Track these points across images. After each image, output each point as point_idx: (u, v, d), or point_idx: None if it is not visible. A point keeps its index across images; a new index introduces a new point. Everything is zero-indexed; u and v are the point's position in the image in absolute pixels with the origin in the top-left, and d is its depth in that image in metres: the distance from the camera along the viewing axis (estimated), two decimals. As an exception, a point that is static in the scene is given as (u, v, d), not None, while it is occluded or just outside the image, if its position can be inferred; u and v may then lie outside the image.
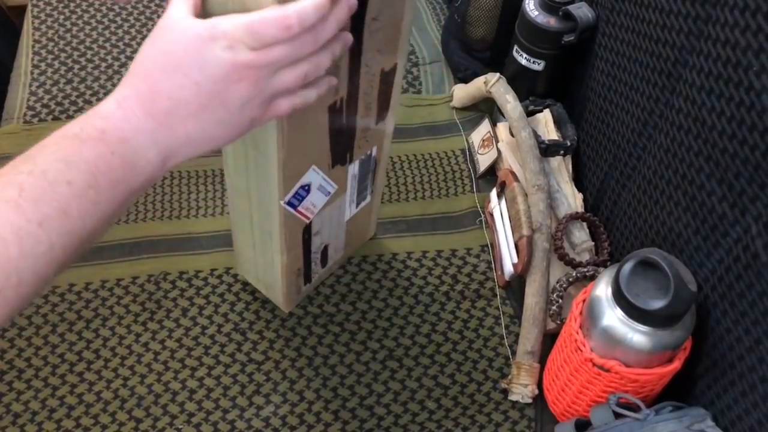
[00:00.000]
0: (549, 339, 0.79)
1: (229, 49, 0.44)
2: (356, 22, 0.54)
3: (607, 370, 0.64)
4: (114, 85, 0.87)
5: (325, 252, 0.80)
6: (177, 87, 0.44)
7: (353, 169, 0.72)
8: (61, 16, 1.12)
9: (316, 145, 0.63)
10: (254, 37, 0.44)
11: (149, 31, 0.54)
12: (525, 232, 0.80)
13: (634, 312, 0.61)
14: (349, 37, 0.51)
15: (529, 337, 0.78)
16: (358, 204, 0.79)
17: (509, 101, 0.89)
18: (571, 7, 0.84)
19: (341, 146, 0.66)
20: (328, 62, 0.49)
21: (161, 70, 0.44)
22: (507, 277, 0.84)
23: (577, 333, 0.67)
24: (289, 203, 0.66)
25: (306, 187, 0.66)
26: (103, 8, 1.13)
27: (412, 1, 0.60)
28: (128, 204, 0.47)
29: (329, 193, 0.71)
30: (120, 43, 1.08)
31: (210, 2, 0.49)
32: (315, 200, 0.69)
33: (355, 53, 0.57)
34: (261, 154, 0.60)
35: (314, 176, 0.66)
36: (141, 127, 0.44)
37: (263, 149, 0.59)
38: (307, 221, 0.71)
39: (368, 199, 0.80)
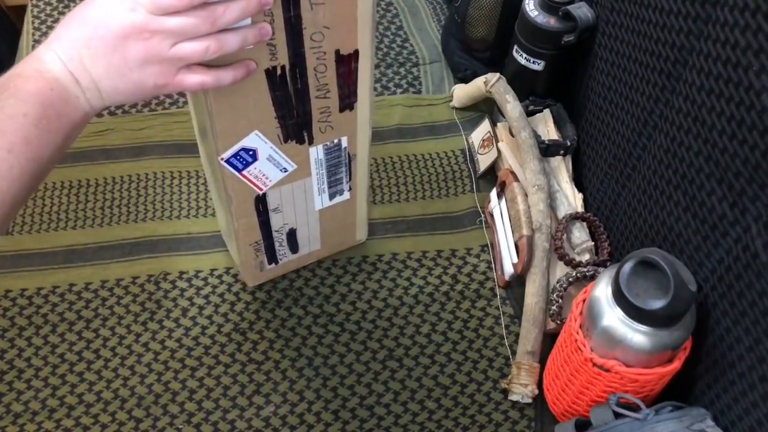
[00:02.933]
0: (549, 339, 0.79)
1: (131, 11, 0.50)
2: None
3: (607, 370, 0.64)
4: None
5: (293, 236, 0.80)
6: (87, 38, 0.51)
7: (317, 153, 0.72)
8: (61, 17, 1.12)
9: (256, 108, 0.63)
10: (153, 2, 0.50)
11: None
12: (525, 232, 0.80)
13: (634, 312, 0.61)
14: (266, 29, 0.56)
15: (529, 337, 0.78)
16: (331, 196, 0.79)
17: (509, 101, 0.89)
18: (571, 7, 0.84)
19: (293, 121, 0.67)
20: (236, 45, 0.54)
21: (79, 22, 0.52)
22: (507, 277, 0.84)
23: (577, 333, 0.67)
24: (230, 163, 0.66)
25: (251, 153, 0.67)
26: (103, 8, 1.13)
27: None
28: (74, 137, 0.54)
29: (285, 170, 0.71)
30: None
31: None
32: (266, 171, 0.70)
33: (293, 23, 0.58)
34: (198, 102, 0.62)
35: (259, 143, 0.67)
36: (65, 68, 0.51)
37: (198, 97, 0.61)
38: (260, 191, 0.71)
39: (346, 195, 0.80)
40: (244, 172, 0.68)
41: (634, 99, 0.75)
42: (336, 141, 0.72)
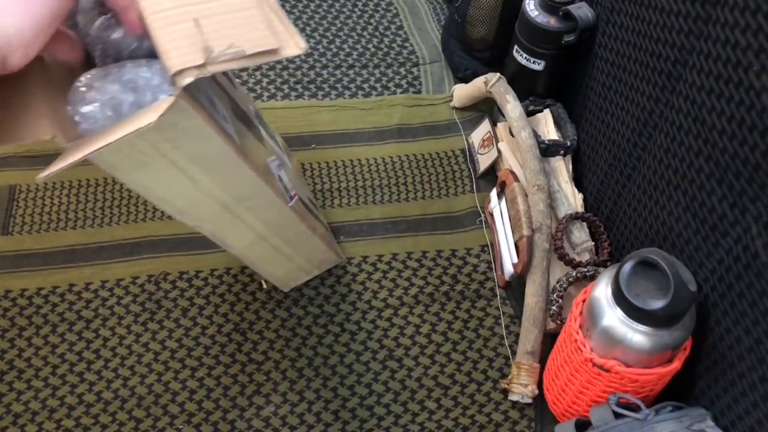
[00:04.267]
0: (549, 339, 0.79)
1: None
2: None
3: (607, 370, 0.64)
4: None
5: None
6: None
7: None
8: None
9: (254, 148, 0.65)
10: None
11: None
12: (525, 232, 0.80)
13: (634, 312, 0.61)
14: None
15: (529, 337, 0.78)
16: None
17: (509, 101, 0.89)
18: (571, 7, 0.84)
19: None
20: None
21: None
22: (507, 277, 0.84)
23: (577, 333, 0.67)
24: (290, 198, 0.69)
25: (279, 176, 0.69)
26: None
27: None
28: None
29: (279, 164, 0.73)
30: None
31: None
32: (285, 177, 0.72)
33: None
34: (221, 179, 0.61)
35: (272, 165, 0.69)
36: None
37: (221, 176, 0.60)
38: (296, 197, 0.74)
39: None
40: (292, 195, 0.71)
41: (634, 99, 0.75)
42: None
